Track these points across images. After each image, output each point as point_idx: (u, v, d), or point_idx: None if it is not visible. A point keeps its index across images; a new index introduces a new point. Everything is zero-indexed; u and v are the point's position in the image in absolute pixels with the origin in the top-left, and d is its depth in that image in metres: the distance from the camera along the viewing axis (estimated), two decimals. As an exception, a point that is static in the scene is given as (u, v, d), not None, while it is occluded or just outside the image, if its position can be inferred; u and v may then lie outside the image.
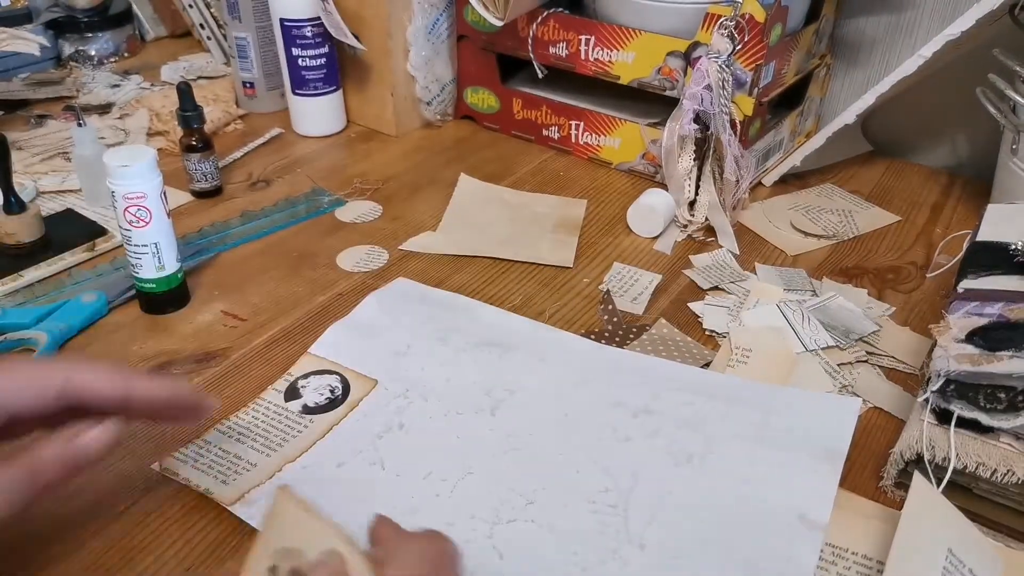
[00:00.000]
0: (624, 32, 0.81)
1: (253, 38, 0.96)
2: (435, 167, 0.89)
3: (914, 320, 0.65)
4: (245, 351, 0.61)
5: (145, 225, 0.61)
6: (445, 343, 0.61)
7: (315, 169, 0.88)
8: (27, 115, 0.98)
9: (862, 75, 0.93)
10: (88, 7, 1.12)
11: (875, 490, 0.50)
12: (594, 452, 0.52)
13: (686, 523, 0.47)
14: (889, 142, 0.94)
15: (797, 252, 0.75)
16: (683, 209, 0.77)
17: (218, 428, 0.53)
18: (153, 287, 0.64)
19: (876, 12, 0.90)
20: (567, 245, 0.75)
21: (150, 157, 0.60)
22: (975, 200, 0.84)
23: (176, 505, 0.48)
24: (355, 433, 0.53)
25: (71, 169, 0.84)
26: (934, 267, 0.72)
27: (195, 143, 0.79)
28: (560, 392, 0.57)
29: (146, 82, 1.08)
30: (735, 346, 0.61)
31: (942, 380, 0.48)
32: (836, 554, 0.45)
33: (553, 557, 0.45)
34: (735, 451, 0.52)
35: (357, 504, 0.48)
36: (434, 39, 0.93)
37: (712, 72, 0.72)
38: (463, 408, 0.56)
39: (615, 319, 0.65)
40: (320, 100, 0.93)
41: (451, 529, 0.47)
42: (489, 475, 0.50)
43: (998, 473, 0.45)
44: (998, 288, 0.54)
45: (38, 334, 0.60)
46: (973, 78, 0.74)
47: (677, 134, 0.75)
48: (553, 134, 0.92)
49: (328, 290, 0.68)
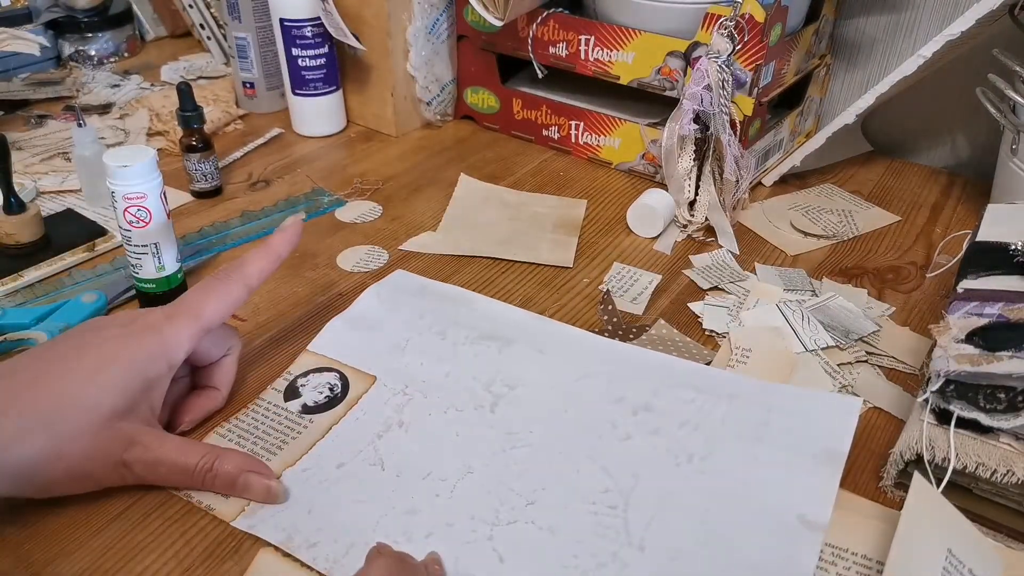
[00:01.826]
0: (624, 32, 0.81)
1: (253, 38, 0.96)
2: (435, 167, 0.89)
3: (914, 320, 0.65)
4: (245, 351, 0.61)
5: (145, 225, 0.61)
6: (444, 337, 0.61)
7: (315, 169, 0.88)
8: (27, 115, 0.98)
9: (862, 75, 0.93)
10: (88, 7, 1.12)
11: (875, 490, 0.50)
12: (594, 451, 0.52)
13: (686, 524, 0.47)
14: (889, 142, 0.94)
15: (797, 252, 0.75)
16: (683, 209, 0.77)
17: (218, 431, 0.53)
18: (153, 287, 0.64)
19: (876, 12, 0.90)
20: (567, 245, 0.75)
21: (150, 157, 0.60)
22: (975, 200, 0.84)
23: (176, 505, 0.48)
24: (355, 433, 0.53)
25: (71, 169, 0.84)
26: (934, 267, 0.72)
27: (195, 143, 0.79)
28: (560, 387, 0.57)
29: (146, 82, 1.08)
30: (735, 346, 0.61)
31: (942, 380, 0.48)
32: (836, 554, 0.45)
33: (553, 560, 0.45)
34: (736, 451, 0.52)
35: (357, 505, 0.48)
36: (434, 39, 0.93)
37: (712, 72, 0.72)
38: (463, 404, 0.56)
39: (615, 319, 0.65)
40: (320, 100, 0.93)
41: (451, 530, 0.47)
42: (489, 475, 0.50)
43: (998, 473, 0.45)
44: (998, 288, 0.54)
45: (38, 334, 0.60)
46: (973, 78, 0.74)
47: (677, 134, 0.75)
48: (553, 134, 0.92)
49: (328, 290, 0.68)
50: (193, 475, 0.47)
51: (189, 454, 0.48)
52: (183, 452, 0.48)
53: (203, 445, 0.50)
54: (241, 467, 0.48)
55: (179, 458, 0.47)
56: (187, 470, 0.47)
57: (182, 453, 0.48)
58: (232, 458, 0.48)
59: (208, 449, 0.49)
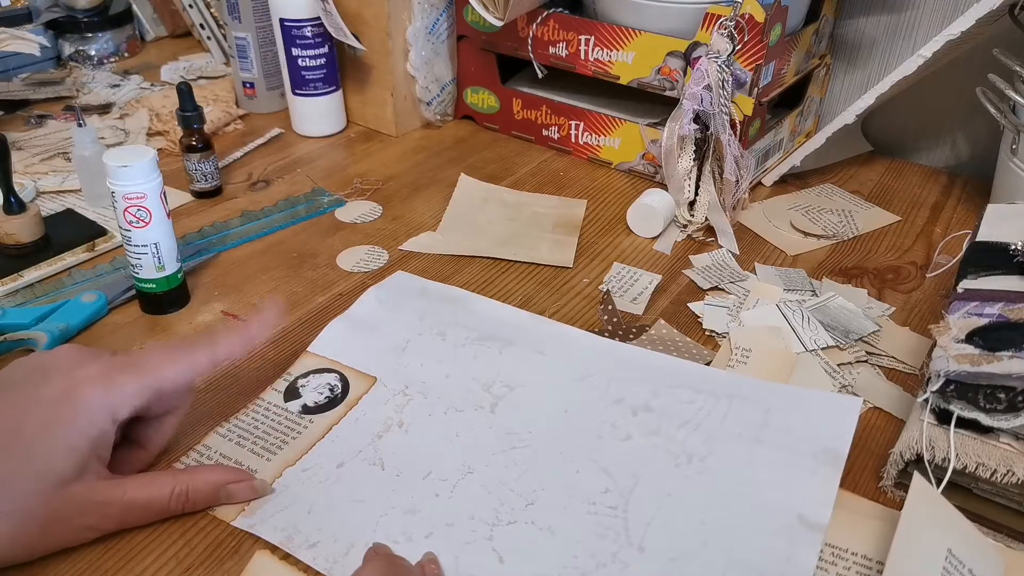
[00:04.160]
0: (624, 32, 0.81)
1: (253, 38, 0.96)
2: (435, 167, 0.89)
3: (914, 320, 0.65)
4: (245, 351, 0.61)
5: (145, 225, 0.61)
6: (444, 338, 0.61)
7: (315, 169, 0.88)
8: (27, 115, 0.98)
9: (862, 75, 0.93)
10: (88, 7, 1.12)
11: (875, 490, 0.50)
12: (594, 451, 0.52)
13: (686, 524, 0.47)
14: (889, 142, 0.94)
15: (797, 252, 0.75)
16: (683, 209, 0.77)
17: (218, 431, 0.53)
18: (153, 287, 0.64)
19: (876, 12, 0.90)
20: (567, 245, 0.75)
21: (150, 157, 0.60)
22: (975, 200, 0.84)
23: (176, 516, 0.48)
24: (355, 433, 0.53)
25: (71, 169, 0.84)
26: (934, 267, 0.72)
27: (195, 143, 0.79)
28: (560, 387, 0.57)
29: (146, 82, 1.08)
30: (735, 346, 0.61)
31: (942, 380, 0.48)
32: (836, 554, 0.45)
33: (553, 560, 0.45)
34: (735, 451, 0.52)
35: (357, 505, 0.48)
36: (434, 39, 0.93)
37: (712, 72, 0.72)
38: (463, 405, 0.56)
39: (615, 319, 0.65)
40: (320, 100, 0.93)
41: (451, 530, 0.47)
42: (489, 475, 0.50)
43: (998, 473, 0.45)
44: (998, 288, 0.54)
45: (38, 334, 0.60)
46: (973, 78, 0.74)
47: (677, 134, 0.75)
48: (553, 134, 0.92)
49: (328, 290, 0.68)
50: (169, 507, 0.46)
51: (157, 488, 0.46)
52: (149, 489, 0.46)
53: (166, 474, 0.48)
54: (215, 483, 0.47)
55: (148, 496, 0.46)
56: (161, 505, 0.46)
57: (149, 490, 0.46)
58: (203, 476, 0.47)
59: (173, 476, 0.47)
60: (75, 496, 0.43)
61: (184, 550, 0.46)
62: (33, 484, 0.42)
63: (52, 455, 0.42)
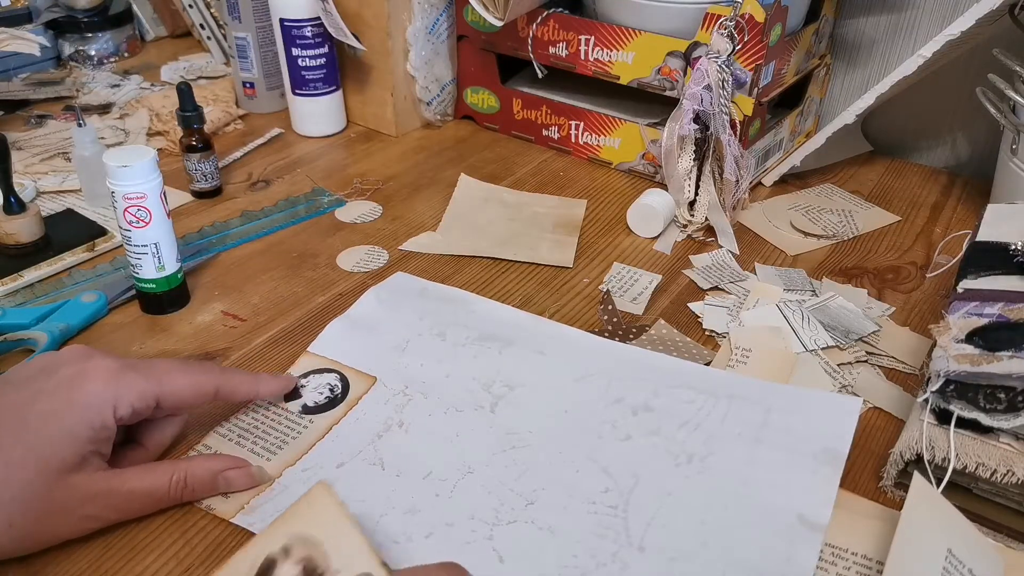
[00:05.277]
0: (624, 32, 0.81)
1: (253, 38, 0.96)
2: (435, 167, 0.89)
3: (914, 320, 0.65)
4: (245, 351, 0.61)
5: (145, 225, 0.61)
6: (444, 338, 0.61)
7: (315, 169, 0.88)
8: (27, 115, 0.98)
9: (862, 75, 0.93)
10: (88, 7, 1.12)
11: (875, 490, 0.50)
12: (594, 451, 0.52)
13: (686, 524, 0.47)
14: (889, 142, 0.94)
15: (797, 252, 0.75)
16: (683, 209, 0.77)
17: (218, 431, 0.53)
18: (153, 287, 0.64)
19: (876, 12, 0.90)
20: (567, 245, 0.75)
21: (150, 157, 0.60)
22: (975, 200, 0.84)
23: (176, 505, 0.48)
24: (355, 433, 0.53)
25: (71, 169, 0.84)
26: (934, 267, 0.72)
27: (195, 143, 0.79)
28: (560, 387, 0.57)
29: (146, 82, 1.08)
30: (735, 346, 0.61)
31: (942, 380, 0.48)
32: (836, 554, 0.45)
33: (553, 560, 0.45)
34: (735, 451, 0.52)
35: (357, 505, 0.48)
36: (434, 39, 0.93)
37: (712, 72, 0.72)
38: (463, 405, 0.56)
39: (615, 319, 0.65)
40: (320, 100, 0.93)
41: (451, 530, 0.47)
42: (489, 475, 0.50)
43: (998, 473, 0.45)
44: (998, 288, 0.54)
45: (38, 334, 0.60)
46: (973, 78, 0.74)
47: (677, 134, 0.75)
48: (553, 134, 0.92)
49: (328, 290, 0.68)
50: (169, 496, 0.47)
51: (156, 476, 0.46)
52: (149, 477, 0.46)
53: (165, 463, 0.48)
54: (214, 470, 0.48)
55: (148, 484, 0.46)
56: (161, 493, 0.46)
57: (149, 478, 0.46)
58: (201, 464, 0.48)
59: (172, 464, 0.47)
60: (77, 486, 0.44)
61: (184, 550, 0.46)
62: (35, 473, 0.42)
63: (54, 441, 0.43)
